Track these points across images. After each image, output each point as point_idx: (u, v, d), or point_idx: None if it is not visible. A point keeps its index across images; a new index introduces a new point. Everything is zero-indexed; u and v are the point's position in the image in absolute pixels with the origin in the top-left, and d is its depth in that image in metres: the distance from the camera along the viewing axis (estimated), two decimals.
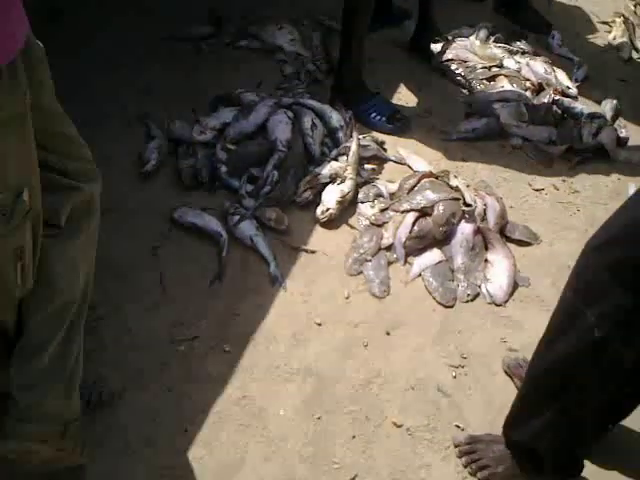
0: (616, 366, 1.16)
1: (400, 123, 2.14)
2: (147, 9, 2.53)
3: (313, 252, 1.76)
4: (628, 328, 1.11)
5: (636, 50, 2.63)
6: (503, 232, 1.85)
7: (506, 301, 1.71)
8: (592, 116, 2.19)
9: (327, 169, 1.89)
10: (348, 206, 1.87)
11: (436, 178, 1.91)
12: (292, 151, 1.94)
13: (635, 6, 2.89)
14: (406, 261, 1.76)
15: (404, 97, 2.29)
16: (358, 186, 1.91)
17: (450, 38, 2.48)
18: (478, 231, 1.80)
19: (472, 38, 2.51)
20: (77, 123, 1.07)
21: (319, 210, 1.83)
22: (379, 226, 1.82)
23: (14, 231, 0.91)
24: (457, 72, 2.35)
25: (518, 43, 2.52)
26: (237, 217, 1.77)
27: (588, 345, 1.15)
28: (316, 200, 1.87)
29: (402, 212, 1.82)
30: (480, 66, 2.37)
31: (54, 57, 1.02)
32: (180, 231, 1.78)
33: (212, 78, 2.25)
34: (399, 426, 1.44)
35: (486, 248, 1.79)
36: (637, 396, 1.25)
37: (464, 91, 2.32)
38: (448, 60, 2.40)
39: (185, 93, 2.18)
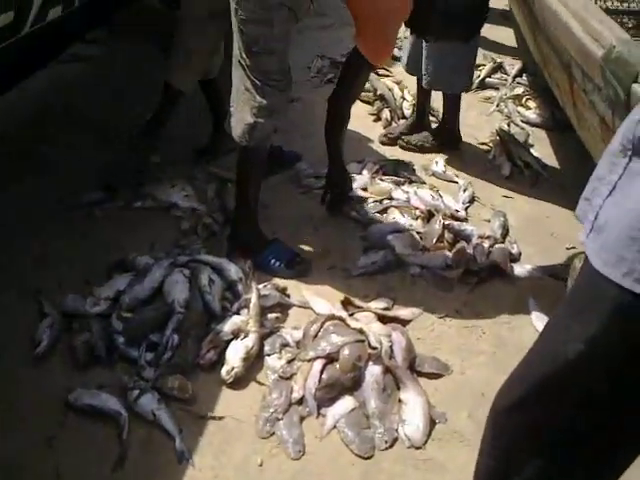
0: None
1: (300, 266, 2.15)
2: (44, 175, 2.52)
3: (221, 418, 1.68)
4: None
5: (515, 166, 2.80)
6: (413, 367, 1.83)
7: (425, 442, 1.66)
8: (482, 236, 2.28)
9: (229, 325, 1.86)
10: (255, 361, 1.82)
11: (340, 319, 1.90)
12: (191, 311, 1.89)
13: (509, 125, 3.12)
14: (319, 413, 1.70)
15: (302, 239, 2.32)
16: (263, 338, 1.87)
17: None
18: (387, 370, 1.78)
19: (365, 173, 2.62)
20: None
21: (224, 370, 1.76)
22: (288, 379, 1.77)
23: None
24: (351, 209, 2.41)
25: (405, 172, 2.64)
26: (137, 391, 1.68)
27: None
28: (221, 359, 1.81)
29: (309, 361, 1.78)
30: (371, 200, 2.45)
31: None
32: (77, 415, 1.66)
33: (108, 243, 2.22)
34: None
35: (398, 387, 1.76)
36: None
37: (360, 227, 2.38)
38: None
39: (80, 262, 2.13)
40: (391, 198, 2.47)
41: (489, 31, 3.98)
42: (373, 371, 1.76)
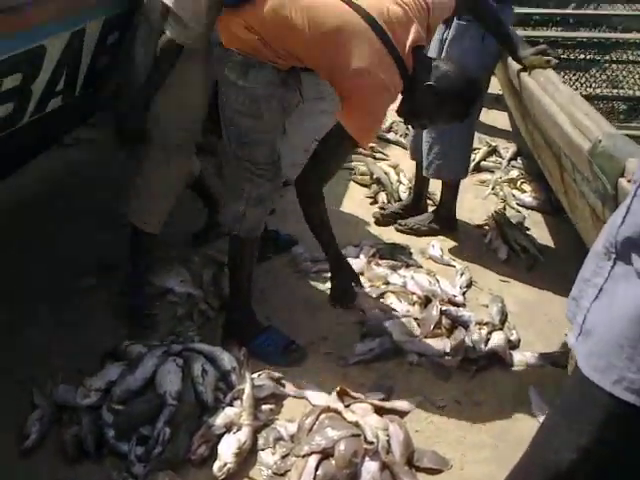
0: None
1: (295, 354, 2.12)
2: (43, 256, 2.53)
3: None
4: None
5: (512, 249, 2.80)
6: (411, 461, 1.77)
7: None
8: (480, 322, 2.25)
9: (221, 418, 1.81)
10: (248, 455, 1.76)
11: (335, 411, 1.85)
12: (183, 402, 1.85)
13: (504, 208, 3.15)
14: None
15: (298, 325, 2.29)
16: (256, 431, 1.82)
17: None
18: (385, 466, 1.72)
19: (362, 257, 2.62)
20: None
21: (216, 466, 1.70)
22: (282, 475, 1.71)
23: None
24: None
25: (402, 256, 2.65)
26: None
27: None
28: (213, 454, 1.75)
29: (303, 456, 1.72)
30: (368, 285, 2.44)
31: None
32: None
33: (103, 330, 2.20)
34: None
35: None
36: None
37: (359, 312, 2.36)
38: None
39: (74, 349, 2.10)
40: (388, 283, 2.46)
41: (484, 115, 4.07)
42: (370, 467, 1.70)
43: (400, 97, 2.00)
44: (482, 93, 2.16)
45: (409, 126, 2.66)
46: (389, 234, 2.92)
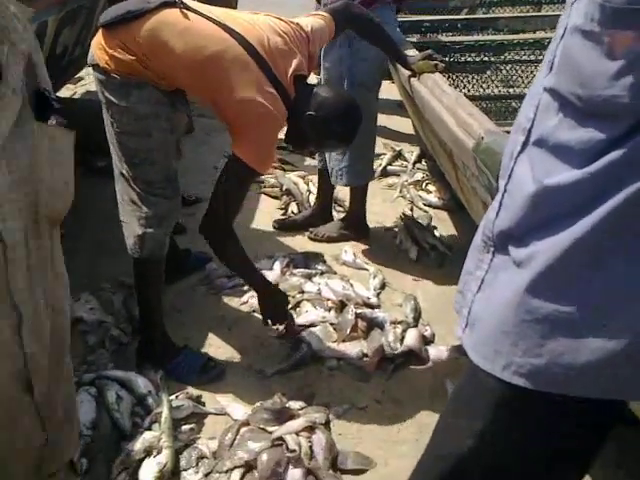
0: None
1: (213, 371, 2.10)
2: None
3: None
4: None
5: (422, 249, 2.88)
6: (335, 465, 1.79)
7: None
8: (395, 321, 2.30)
9: (140, 443, 1.77)
10: (171, 478, 1.73)
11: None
12: (99, 432, 1.80)
13: (412, 209, 3.24)
14: None
15: (216, 341, 2.27)
16: (178, 452, 1.79)
17: None
18: (309, 472, 1.73)
19: (276, 267, 2.63)
20: None
21: None
22: None
23: None
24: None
25: (315, 264, 2.68)
26: None
27: None
28: None
29: (227, 472, 1.71)
30: None
31: None
32: None
33: None
34: None
35: None
36: None
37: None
38: None
39: None
40: (303, 292, 2.47)
41: (387, 120, 4.20)
42: (294, 475, 1.70)
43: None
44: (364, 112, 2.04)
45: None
46: (303, 244, 2.95)
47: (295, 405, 1.95)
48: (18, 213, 1.01)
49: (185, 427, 1.87)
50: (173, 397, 1.94)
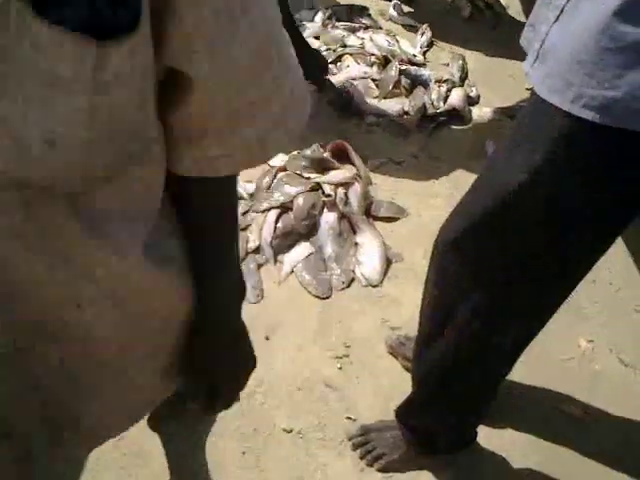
0: (498, 351, 1.14)
1: None
2: None
3: None
4: (502, 317, 1.08)
5: (475, 7, 2.67)
6: (369, 212, 1.83)
7: (381, 281, 1.70)
8: (440, 80, 2.21)
9: None
10: None
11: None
12: None
13: None
14: (276, 260, 1.72)
15: None
16: None
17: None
18: (343, 216, 1.78)
19: (317, 20, 2.48)
20: None
21: None
22: (243, 230, 1.77)
23: None
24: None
25: (360, 18, 2.51)
26: None
27: (468, 338, 1.11)
28: None
29: (263, 212, 1.77)
30: (324, 48, 2.34)
31: None
32: None
33: None
34: (289, 431, 1.40)
35: (354, 232, 1.77)
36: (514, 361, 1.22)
37: None
38: None
39: None
40: (345, 45, 2.35)
41: None
42: (328, 218, 1.76)
43: None
44: None
45: None
46: None
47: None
48: None
49: None
50: None
